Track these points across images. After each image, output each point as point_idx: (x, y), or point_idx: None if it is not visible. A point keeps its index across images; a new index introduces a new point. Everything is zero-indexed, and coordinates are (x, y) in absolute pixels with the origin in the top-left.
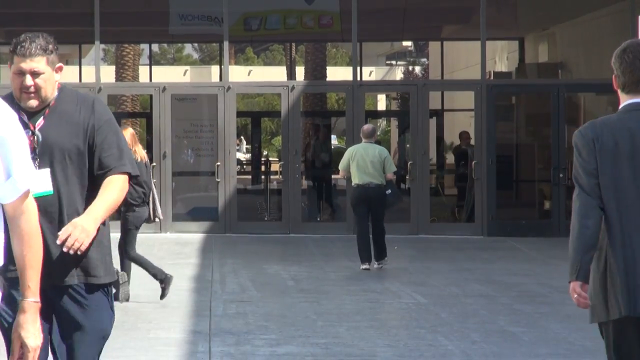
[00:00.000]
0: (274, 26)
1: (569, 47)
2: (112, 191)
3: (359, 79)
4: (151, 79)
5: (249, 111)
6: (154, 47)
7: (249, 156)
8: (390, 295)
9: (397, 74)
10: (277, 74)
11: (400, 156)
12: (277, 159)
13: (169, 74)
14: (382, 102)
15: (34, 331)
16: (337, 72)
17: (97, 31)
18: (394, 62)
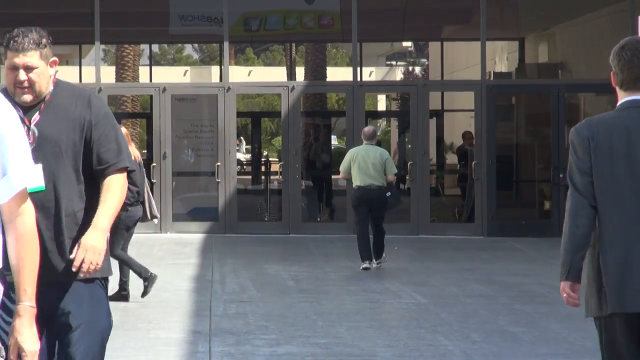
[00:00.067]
0: (274, 26)
1: (569, 47)
2: (113, 195)
3: (359, 79)
4: (151, 80)
5: (249, 111)
6: (154, 48)
7: (249, 156)
8: (390, 295)
9: (397, 75)
10: (277, 74)
11: (400, 156)
12: (277, 159)
13: (169, 75)
14: (382, 103)
15: (30, 335)
16: (337, 73)
17: (97, 31)
18: (394, 63)
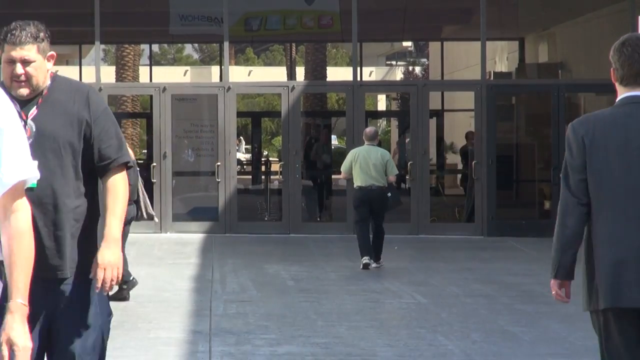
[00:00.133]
0: (274, 26)
1: (569, 47)
2: (118, 200)
3: (359, 79)
4: (151, 79)
5: (249, 111)
6: (154, 48)
7: (248, 156)
8: (390, 295)
9: (397, 74)
10: (277, 74)
11: (400, 156)
12: (277, 159)
13: (169, 74)
14: (382, 103)
15: (23, 331)
16: (337, 73)
17: (98, 31)
18: (394, 63)
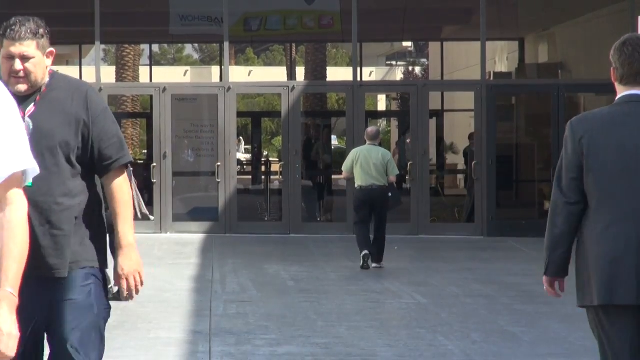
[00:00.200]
0: (274, 27)
1: (569, 47)
2: (126, 203)
3: (359, 79)
4: (151, 80)
5: (250, 111)
6: (155, 48)
7: (248, 156)
8: (390, 295)
9: (398, 75)
10: (278, 74)
11: (400, 156)
12: (278, 159)
13: (170, 75)
14: (382, 103)
15: (9, 318)
16: (337, 73)
17: (98, 31)
18: (394, 63)
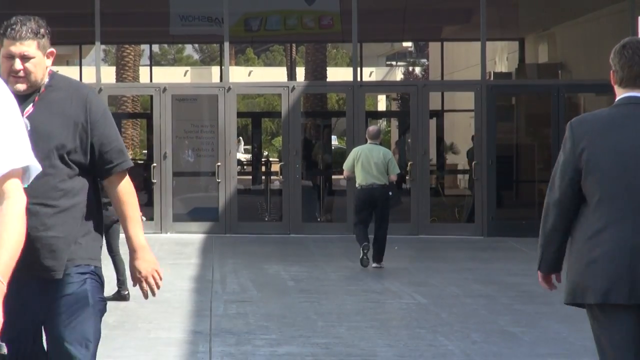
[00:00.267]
0: (274, 27)
1: (569, 47)
2: (133, 205)
3: (359, 79)
4: (152, 80)
5: (250, 112)
6: (155, 48)
7: (248, 156)
8: (390, 295)
9: (398, 75)
10: (278, 74)
11: (400, 156)
12: (278, 160)
13: (170, 75)
14: (382, 103)
15: None
16: (337, 73)
17: (98, 32)
18: (394, 63)
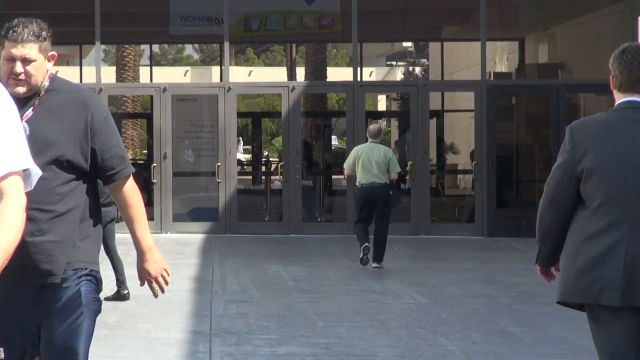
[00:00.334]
0: (274, 27)
1: (569, 47)
2: (139, 208)
3: (359, 79)
4: (152, 80)
5: (250, 112)
6: (155, 48)
7: (248, 156)
8: (390, 295)
9: (398, 75)
10: (278, 74)
11: (400, 156)
12: (278, 160)
13: (170, 75)
14: (382, 103)
15: None
16: (337, 73)
17: (98, 32)
18: (394, 63)
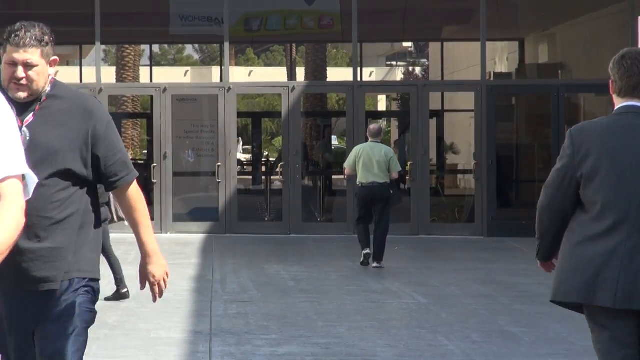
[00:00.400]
0: (275, 27)
1: (569, 47)
2: (143, 212)
3: (359, 79)
4: (152, 80)
5: (250, 112)
6: (155, 48)
7: (248, 156)
8: (390, 295)
9: (398, 75)
10: (278, 74)
11: (400, 156)
12: (276, 160)
13: (170, 75)
14: (382, 103)
15: None
16: (337, 73)
17: (98, 32)
18: (394, 63)
